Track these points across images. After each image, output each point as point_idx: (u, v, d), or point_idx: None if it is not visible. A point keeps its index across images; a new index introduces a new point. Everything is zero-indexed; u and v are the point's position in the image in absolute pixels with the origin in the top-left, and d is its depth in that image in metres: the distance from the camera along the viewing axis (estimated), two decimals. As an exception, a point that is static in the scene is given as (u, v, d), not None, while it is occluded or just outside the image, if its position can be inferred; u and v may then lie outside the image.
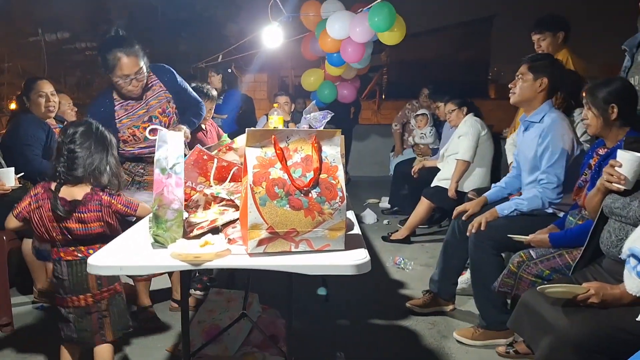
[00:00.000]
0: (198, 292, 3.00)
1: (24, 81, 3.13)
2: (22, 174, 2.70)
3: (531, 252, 2.13)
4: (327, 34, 4.80)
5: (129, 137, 2.49)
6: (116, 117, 2.47)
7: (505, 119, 4.12)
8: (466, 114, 4.02)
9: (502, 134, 4.20)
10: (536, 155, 2.45)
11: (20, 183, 2.67)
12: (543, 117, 2.45)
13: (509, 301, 2.42)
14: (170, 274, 2.82)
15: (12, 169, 2.62)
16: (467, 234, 2.49)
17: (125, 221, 1.94)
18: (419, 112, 5.12)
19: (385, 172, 5.99)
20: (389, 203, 5.33)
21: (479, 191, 3.02)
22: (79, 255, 1.88)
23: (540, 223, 2.33)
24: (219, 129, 3.46)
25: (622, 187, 1.70)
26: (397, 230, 4.26)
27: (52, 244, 1.91)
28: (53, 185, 1.86)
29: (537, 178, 2.46)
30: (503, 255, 2.49)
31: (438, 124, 4.97)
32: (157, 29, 6.81)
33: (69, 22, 6.62)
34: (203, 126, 3.15)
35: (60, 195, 1.84)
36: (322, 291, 2.41)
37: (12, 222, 1.90)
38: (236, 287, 2.83)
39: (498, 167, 4.13)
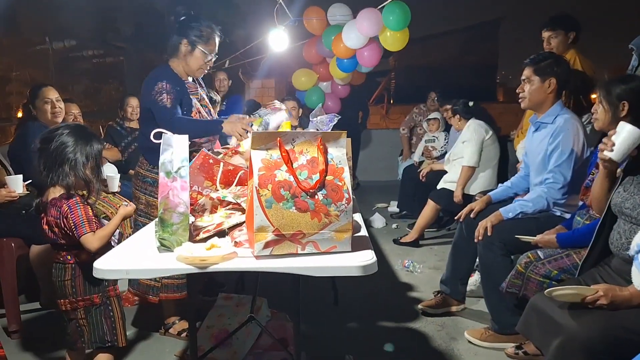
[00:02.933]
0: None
1: (30, 89, 3.16)
2: (30, 181, 2.72)
3: (539, 252, 2.11)
4: (343, 43, 4.80)
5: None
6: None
7: (513, 122, 4.10)
8: (468, 119, 4.02)
9: (509, 137, 4.18)
10: (545, 156, 2.44)
11: (28, 190, 2.69)
12: (555, 117, 2.43)
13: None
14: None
15: (20, 176, 2.64)
16: (475, 240, 2.47)
17: None
18: (431, 116, 5.12)
19: (393, 176, 5.97)
20: (397, 207, 5.32)
21: (486, 194, 3.00)
22: (60, 258, 1.85)
23: (548, 224, 2.31)
24: None
25: (609, 156, 1.68)
26: (407, 234, 4.25)
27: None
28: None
29: (544, 178, 2.44)
30: (512, 256, 2.47)
31: (449, 127, 4.96)
32: (165, 35, 6.87)
33: (75, 30, 6.68)
34: None
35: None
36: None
37: (92, 238, 1.78)
38: (245, 292, 2.82)
39: (505, 170, 4.11)
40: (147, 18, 6.96)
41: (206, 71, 2.55)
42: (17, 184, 2.61)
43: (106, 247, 1.76)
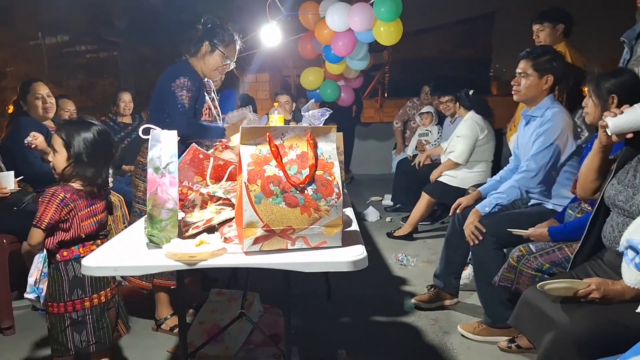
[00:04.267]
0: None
1: (20, 84, 3.13)
2: (22, 177, 2.70)
3: (531, 246, 2.12)
4: (327, 25, 4.79)
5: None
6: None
7: (507, 115, 4.09)
8: (465, 108, 4.03)
9: (503, 130, 4.19)
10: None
11: (19, 186, 2.68)
12: (545, 111, 2.43)
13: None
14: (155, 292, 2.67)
15: (12, 172, 2.63)
16: (471, 244, 2.47)
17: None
18: (424, 109, 5.11)
19: (387, 169, 5.98)
20: (391, 200, 5.32)
21: (480, 186, 3.01)
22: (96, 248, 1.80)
23: (540, 217, 2.32)
24: None
25: (607, 122, 1.63)
26: (400, 228, 4.25)
27: (71, 243, 1.86)
28: (77, 183, 1.85)
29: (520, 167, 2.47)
30: (504, 250, 2.48)
31: (442, 120, 4.96)
32: (159, 30, 6.81)
33: (69, 25, 6.63)
34: None
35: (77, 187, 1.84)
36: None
37: (39, 235, 1.80)
38: (238, 287, 2.82)
39: (499, 163, 4.12)
40: (141, 13, 6.92)
41: (221, 75, 2.66)
42: (8, 180, 2.59)
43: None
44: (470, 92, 4.04)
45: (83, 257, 1.77)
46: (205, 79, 2.63)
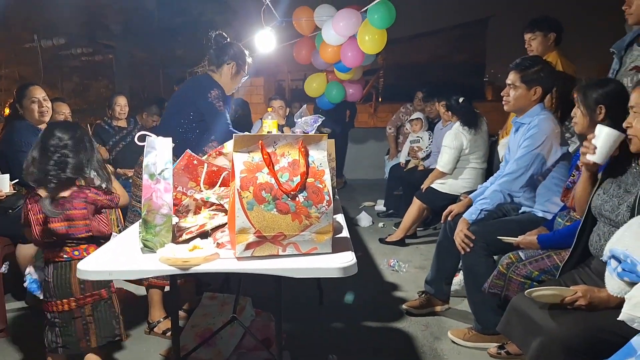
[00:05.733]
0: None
1: (17, 88, 3.15)
2: (17, 180, 2.71)
3: (520, 253, 2.14)
4: (326, 43, 4.83)
5: None
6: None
7: (501, 121, 4.13)
8: (454, 119, 4.06)
9: (495, 136, 4.23)
10: None
11: (15, 189, 2.69)
12: (533, 118, 2.47)
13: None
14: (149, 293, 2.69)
15: (7, 175, 2.63)
16: (461, 252, 2.50)
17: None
18: (413, 116, 5.15)
19: (381, 175, 6.01)
20: (384, 206, 5.35)
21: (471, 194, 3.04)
22: (64, 256, 1.88)
23: (530, 225, 2.35)
24: None
25: (592, 160, 1.72)
26: (392, 233, 4.28)
27: (44, 246, 1.92)
28: (40, 190, 1.88)
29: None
30: (494, 257, 2.51)
31: (433, 126, 5.00)
32: (154, 34, 6.84)
33: (64, 28, 6.64)
34: None
35: (49, 195, 1.86)
36: (349, 297, 2.52)
37: (27, 233, 1.95)
38: (231, 291, 2.83)
39: (491, 169, 4.16)
40: (136, 17, 6.94)
41: (234, 91, 2.84)
42: (3, 184, 2.60)
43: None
44: (460, 100, 4.07)
45: (51, 261, 1.89)
46: None
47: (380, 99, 8.51)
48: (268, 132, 3.30)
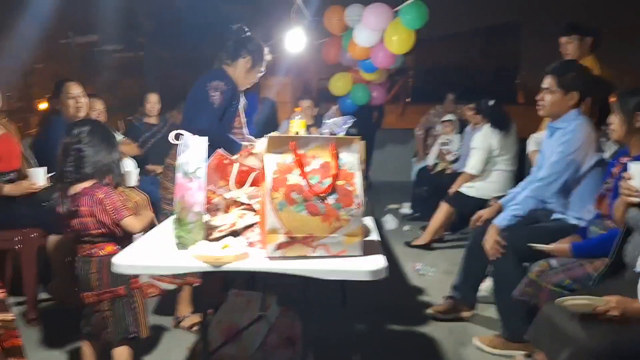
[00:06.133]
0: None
1: (54, 84, 3.23)
2: (53, 173, 2.79)
3: (552, 261, 2.11)
4: (355, 42, 4.82)
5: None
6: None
7: (532, 125, 4.05)
8: (484, 121, 4.00)
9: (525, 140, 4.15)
10: None
11: (50, 182, 2.76)
12: (570, 123, 2.42)
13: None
14: (179, 289, 2.75)
15: (44, 168, 2.72)
16: (490, 259, 2.46)
17: None
18: (446, 117, 5.10)
19: (407, 177, 5.96)
20: (410, 209, 5.32)
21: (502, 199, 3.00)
22: (85, 252, 1.92)
23: (563, 232, 2.30)
24: None
25: (637, 201, 1.67)
26: (419, 237, 4.25)
27: (75, 241, 1.96)
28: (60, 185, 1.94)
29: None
30: (525, 264, 2.47)
31: (464, 128, 4.94)
32: (183, 32, 6.93)
33: (98, 25, 6.79)
34: None
35: (61, 190, 1.91)
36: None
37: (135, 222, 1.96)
38: (255, 289, 2.86)
39: (522, 173, 4.09)
40: (166, 15, 7.04)
41: (249, 86, 2.76)
42: (39, 176, 2.68)
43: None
44: (490, 102, 4.01)
45: (79, 256, 1.92)
46: None
47: (408, 100, 8.43)
48: (296, 132, 3.30)
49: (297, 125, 3.38)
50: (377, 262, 1.38)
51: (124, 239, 1.94)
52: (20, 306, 2.76)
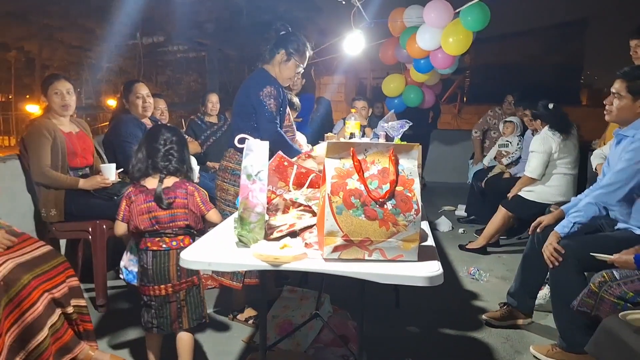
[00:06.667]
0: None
1: (123, 84, 3.42)
2: (122, 169, 2.97)
3: (615, 272, 2.03)
4: (417, 44, 4.79)
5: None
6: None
7: (596, 128, 3.89)
8: (543, 125, 3.88)
9: (591, 145, 3.99)
10: None
11: (119, 178, 2.94)
12: (638, 131, 2.32)
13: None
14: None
15: (114, 165, 2.89)
16: (550, 266, 2.40)
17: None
18: (508, 118, 4.98)
19: (462, 179, 5.87)
20: (465, 211, 5.23)
21: (563, 205, 2.91)
22: (164, 246, 2.04)
23: (627, 242, 2.21)
24: None
25: None
26: (474, 240, 4.19)
27: (142, 234, 2.07)
28: (147, 181, 2.06)
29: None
30: (586, 274, 2.39)
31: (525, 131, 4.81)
32: (242, 31, 7.10)
33: (163, 25, 7.08)
34: None
35: (149, 187, 2.04)
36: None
37: (120, 227, 2.08)
38: (308, 286, 2.92)
39: (584, 179, 3.94)
40: (226, 14, 7.23)
41: (292, 82, 2.77)
42: (110, 172, 2.86)
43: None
44: (550, 106, 3.88)
45: (150, 250, 2.03)
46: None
47: (465, 100, 8.27)
48: (351, 133, 3.35)
49: (351, 127, 3.42)
50: (433, 268, 1.40)
51: (200, 233, 2.05)
52: (89, 293, 2.94)
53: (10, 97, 13.31)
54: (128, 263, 2.19)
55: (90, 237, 2.88)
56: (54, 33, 8.10)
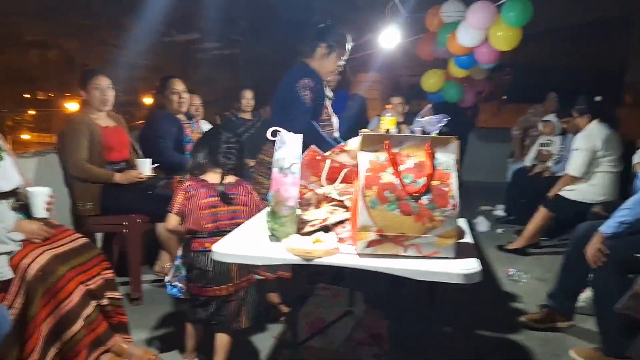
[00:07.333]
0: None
1: (160, 79, 3.45)
2: (157, 164, 3.00)
3: (662, 275, 1.93)
4: (458, 41, 4.67)
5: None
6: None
7: (640, 128, 3.73)
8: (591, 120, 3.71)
9: (635, 144, 3.81)
10: None
11: (154, 172, 2.97)
12: None
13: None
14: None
15: (149, 160, 2.93)
16: (592, 266, 2.30)
17: None
18: (547, 117, 4.82)
19: (500, 178, 5.71)
20: (504, 211, 5.09)
21: (606, 205, 2.79)
22: None
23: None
24: None
25: None
26: (513, 241, 4.07)
27: (195, 235, 2.03)
28: (209, 176, 2.08)
29: None
30: (630, 276, 2.28)
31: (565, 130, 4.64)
32: (278, 30, 7.12)
33: (197, 23, 7.16)
34: None
35: (211, 182, 2.05)
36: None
37: (173, 220, 2.04)
38: (341, 284, 2.89)
39: (627, 178, 3.76)
40: (261, 12, 7.27)
41: (334, 75, 2.75)
42: (145, 167, 2.90)
43: None
44: (597, 99, 3.71)
45: (209, 250, 1.92)
46: None
47: (505, 98, 8.04)
48: (386, 129, 3.29)
49: (387, 123, 3.35)
50: (471, 265, 1.34)
51: None
52: (124, 286, 2.97)
53: (50, 94, 13.73)
54: (173, 279, 2.16)
55: (125, 230, 2.92)
56: (92, 31, 8.32)
